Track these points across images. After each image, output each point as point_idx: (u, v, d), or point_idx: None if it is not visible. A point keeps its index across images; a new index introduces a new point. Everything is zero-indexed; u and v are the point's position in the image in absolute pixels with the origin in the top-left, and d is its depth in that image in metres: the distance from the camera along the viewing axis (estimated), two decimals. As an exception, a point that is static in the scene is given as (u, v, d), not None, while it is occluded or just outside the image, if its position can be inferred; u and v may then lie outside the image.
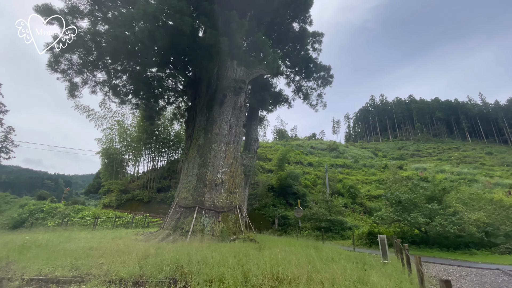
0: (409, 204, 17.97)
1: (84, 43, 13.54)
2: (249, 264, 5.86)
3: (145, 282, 4.60)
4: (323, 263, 6.26)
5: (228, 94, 15.34)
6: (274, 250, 8.31)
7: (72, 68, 13.38)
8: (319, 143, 76.35)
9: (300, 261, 6.35)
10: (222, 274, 5.11)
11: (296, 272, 5.16)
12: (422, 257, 13.88)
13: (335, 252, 9.83)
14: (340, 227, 24.44)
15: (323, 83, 29.66)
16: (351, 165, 54.28)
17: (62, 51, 12.60)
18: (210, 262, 5.89)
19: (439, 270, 9.83)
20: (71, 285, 4.50)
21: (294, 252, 7.97)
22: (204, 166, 13.45)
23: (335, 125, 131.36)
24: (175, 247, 8.53)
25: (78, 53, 13.89)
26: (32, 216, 23.16)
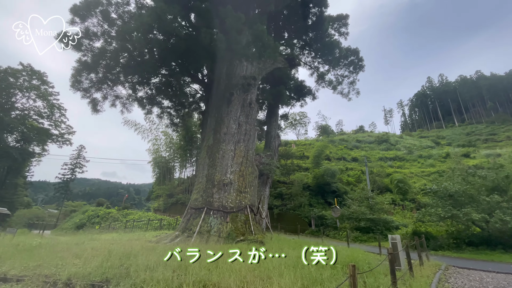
0: (463, 197, 14.86)
1: (103, 61, 14.88)
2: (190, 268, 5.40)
3: (76, 284, 4.51)
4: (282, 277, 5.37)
5: (235, 92, 15.00)
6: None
7: (93, 86, 14.83)
8: (366, 136, 70.42)
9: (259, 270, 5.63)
10: (154, 278, 4.73)
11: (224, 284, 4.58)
12: (474, 261, 11.18)
13: (347, 256, 8.53)
14: (384, 226, 21.75)
15: (354, 69, 27.23)
16: (403, 157, 48.47)
17: (81, 71, 14.05)
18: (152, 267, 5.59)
19: (482, 280, 7.64)
20: (9, 283, 4.69)
21: (283, 258, 7.11)
22: (212, 166, 13.33)
23: (386, 115, 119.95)
24: (165, 249, 8.45)
25: (100, 71, 15.33)
26: (89, 220, 26.52)
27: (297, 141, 64.85)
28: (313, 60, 25.33)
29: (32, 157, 44.71)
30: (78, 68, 14.07)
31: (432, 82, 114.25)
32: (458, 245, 14.10)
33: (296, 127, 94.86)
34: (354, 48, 24.32)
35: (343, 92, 27.65)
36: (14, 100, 40.25)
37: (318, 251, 7.51)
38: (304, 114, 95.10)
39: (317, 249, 7.12)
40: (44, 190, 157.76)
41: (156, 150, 45.83)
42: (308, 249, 7.92)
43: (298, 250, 9.13)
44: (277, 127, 20.54)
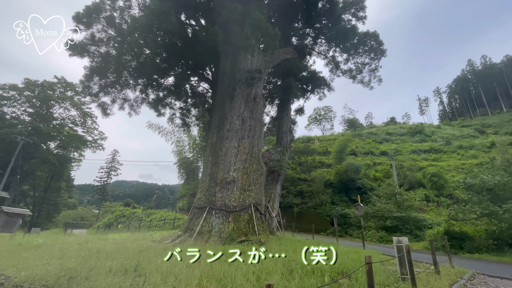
0: (505, 191, 12.73)
1: (111, 66, 15.28)
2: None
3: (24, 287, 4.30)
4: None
5: (238, 87, 14.44)
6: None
7: (102, 90, 15.29)
8: (398, 128, 65.61)
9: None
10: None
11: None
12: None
13: (350, 260, 7.56)
14: (414, 225, 19.73)
15: (376, 55, 25.23)
16: (440, 149, 44.15)
17: (90, 76, 14.53)
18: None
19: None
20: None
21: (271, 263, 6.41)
22: (215, 164, 12.92)
23: (422, 104, 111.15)
24: (160, 249, 8.19)
25: (109, 76, 15.79)
26: (116, 220, 27.91)
27: (321, 137, 62.56)
28: (328, 49, 23.86)
29: (70, 162, 48.44)
30: (86, 74, 14.59)
31: (474, 65, 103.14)
32: (500, 246, 12.09)
33: (321, 122, 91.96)
34: (372, 32, 22.39)
35: (364, 80, 25.74)
36: (52, 111, 44.05)
37: (318, 251, 6.71)
38: (329, 109, 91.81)
39: (317, 249, 6.36)
40: (90, 193, 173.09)
41: (180, 151, 47.11)
42: (308, 249, 7.13)
43: (300, 251, 8.34)
44: (289, 122, 19.58)
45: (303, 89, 21.48)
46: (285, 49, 18.71)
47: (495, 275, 6.95)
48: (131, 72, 16.37)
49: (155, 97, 19.36)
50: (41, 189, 48.19)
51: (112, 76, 16.10)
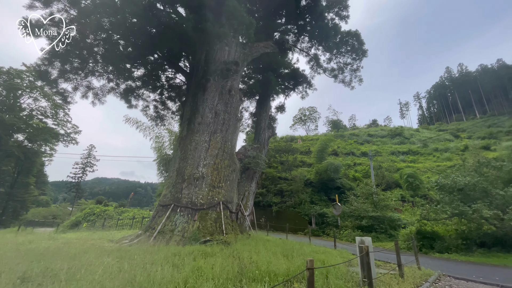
0: (475, 192, 12.81)
1: (73, 51, 14.02)
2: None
3: None
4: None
5: (212, 78, 13.68)
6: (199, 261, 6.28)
7: (62, 77, 14.00)
8: (379, 130, 67.11)
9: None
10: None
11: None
12: (483, 267, 9.25)
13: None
14: (389, 225, 19.81)
15: (357, 55, 25.21)
16: (418, 151, 45.39)
17: (49, 61, 13.23)
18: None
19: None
20: None
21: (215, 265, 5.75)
22: (184, 159, 12.11)
23: (402, 108, 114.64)
24: (106, 250, 7.33)
25: (73, 62, 14.51)
26: (85, 218, 26.24)
27: (305, 137, 62.80)
28: (311, 46, 23.55)
29: (39, 156, 45.53)
30: (44, 58, 13.28)
31: (451, 72, 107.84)
32: (468, 246, 12.13)
33: (305, 122, 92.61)
34: (354, 31, 22.30)
35: (345, 80, 25.72)
36: (20, 102, 41.07)
37: (283, 254, 6.09)
38: (314, 109, 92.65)
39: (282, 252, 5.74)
40: (67, 190, 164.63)
41: (160, 147, 45.38)
42: (273, 250, 6.53)
43: (265, 252, 7.75)
44: (267, 118, 19.03)
45: (284, 85, 21.02)
46: (265, 43, 18.12)
47: (461, 277, 6.69)
48: (98, 59, 15.18)
49: (126, 87, 18.19)
50: (8, 184, 44.97)
51: (76, 61, 14.84)
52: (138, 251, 7.50)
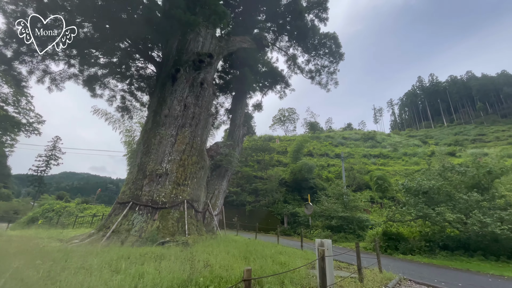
0: (439, 195, 13.27)
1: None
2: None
3: None
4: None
5: (182, 69, 12.94)
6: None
7: (17, 59, 12.53)
8: (353, 134, 69.25)
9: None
10: None
11: None
12: (445, 270, 9.47)
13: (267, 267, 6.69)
14: (357, 225, 20.18)
15: (334, 58, 25.52)
16: (388, 155, 47.29)
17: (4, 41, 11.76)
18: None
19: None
20: None
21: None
22: (146, 154, 11.31)
23: (376, 113, 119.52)
24: (46, 251, 6.45)
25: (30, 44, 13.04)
26: (43, 214, 24.16)
27: (283, 137, 63.15)
28: (289, 46, 23.42)
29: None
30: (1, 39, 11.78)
31: (423, 81, 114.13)
32: (431, 248, 12.49)
33: (284, 123, 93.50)
34: (332, 33, 22.50)
35: (322, 82, 25.98)
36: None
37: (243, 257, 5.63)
38: (293, 111, 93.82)
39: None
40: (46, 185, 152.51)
41: (130, 142, 43.17)
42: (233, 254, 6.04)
43: (225, 255, 7.28)
44: (243, 115, 18.55)
45: (261, 83, 20.70)
46: (243, 37, 17.62)
47: (422, 281, 6.64)
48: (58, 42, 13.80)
49: (90, 74, 16.85)
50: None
51: (34, 43, 13.36)
52: (83, 253, 6.70)
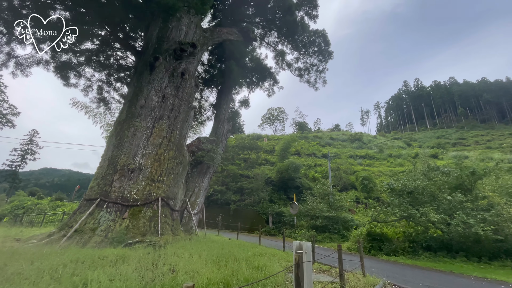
0: (423, 195, 13.09)
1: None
2: None
3: None
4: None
5: (162, 57, 12.09)
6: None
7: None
8: (340, 134, 69.90)
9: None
10: None
11: None
12: (429, 272, 9.20)
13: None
14: (342, 225, 19.94)
15: (323, 57, 25.18)
16: (374, 156, 47.85)
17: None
18: None
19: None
20: None
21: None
22: (118, 147, 10.42)
23: (363, 115, 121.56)
24: None
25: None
26: (12, 211, 22.52)
27: (271, 136, 62.80)
28: (278, 42, 22.87)
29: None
30: None
31: (408, 86, 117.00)
32: (415, 249, 12.28)
33: (273, 122, 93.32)
34: (321, 30, 22.13)
35: (310, 80, 25.59)
36: None
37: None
38: (282, 110, 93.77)
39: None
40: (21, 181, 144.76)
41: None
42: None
43: (196, 258, 6.59)
44: (228, 111, 17.84)
45: (249, 78, 20.04)
46: (229, 29, 16.90)
47: (406, 287, 6.25)
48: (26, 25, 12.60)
49: (64, 61, 15.65)
50: None
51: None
52: (31, 255, 5.83)
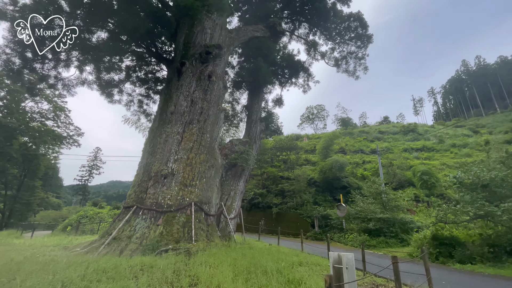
0: (503, 188, 10.52)
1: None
2: None
3: None
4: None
5: (188, 62, 12.05)
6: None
7: (26, 67, 12.71)
8: (391, 127, 63.78)
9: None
10: None
11: None
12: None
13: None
14: (400, 228, 17.52)
15: (362, 42, 23.22)
16: (433, 147, 42.25)
17: (14, 50, 12.00)
18: None
19: None
20: None
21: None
22: (152, 154, 10.52)
23: (416, 104, 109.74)
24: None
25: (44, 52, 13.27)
26: (78, 221, 25.22)
27: (311, 135, 60.42)
28: (309, 33, 21.60)
29: (41, 159, 45.49)
30: (9, 47, 12.06)
31: (468, 65, 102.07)
32: (497, 255, 9.85)
33: (314, 121, 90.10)
34: (356, 12, 20.21)
35: (349, 69, 23.67)
36: (24, 105, 41.00)
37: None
38: (322, 107, 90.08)
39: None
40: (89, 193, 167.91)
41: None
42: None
43: (225, 268, 5.96)
44: (260, 110, 17.22)
45: (280, 74, 19.16)
46: (255, 26, 16.39)
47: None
48: (70, 47, 13.89)
49: (107, 79, 16.91)
50: (15, 187, 45.29)
51: (43, 48, 13.60)
52: (61, 265, 5.87)
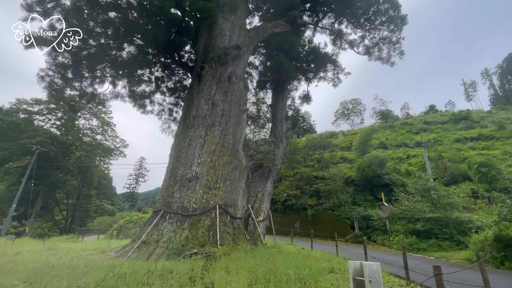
0: None
1: (79, 59, 14.01)
2: None
3: None
4: None
5: (207, 65, 12.06)
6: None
7: (68, 86, 13.98)
8: (438, 116, 57.59)
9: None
10: None
11: None
12: None
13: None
14: (455, 229, 15.37)
15: (395, 25, 21.41)
16: (492, 135, 36.93)
17: (56, 72, 13.30)
18: None
19: None
20: None
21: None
22: (177, 158, 10.64)
23: (467, 89, 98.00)
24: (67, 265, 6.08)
25: (82, 70, 14.52)
26: (124, 226, 27.15)
27: (347, 131, 57.36)
28: (333, 22, 20.41)
29: (89, 170, 50.25)
30: (51, 69, 13.41)
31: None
32: None
33: (349, 116, 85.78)
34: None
35: (382, 56, 21.84)
36: (77, 123, 45.94)
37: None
38: (358, 101, 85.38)
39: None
40: (137, 200, 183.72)
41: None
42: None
43: (246, 274, 5.59)
44: (285, 108, 16.59)
45: (304, 69, 18.32)
46: (274, 22, 15.92)
47: None
48: (106, 64, 14.98)
49: (139, 91, 17.89)
50: (75, 197, 51.14)
51: (85, 70, 14.85)
52: (89, 268, 6.04)
